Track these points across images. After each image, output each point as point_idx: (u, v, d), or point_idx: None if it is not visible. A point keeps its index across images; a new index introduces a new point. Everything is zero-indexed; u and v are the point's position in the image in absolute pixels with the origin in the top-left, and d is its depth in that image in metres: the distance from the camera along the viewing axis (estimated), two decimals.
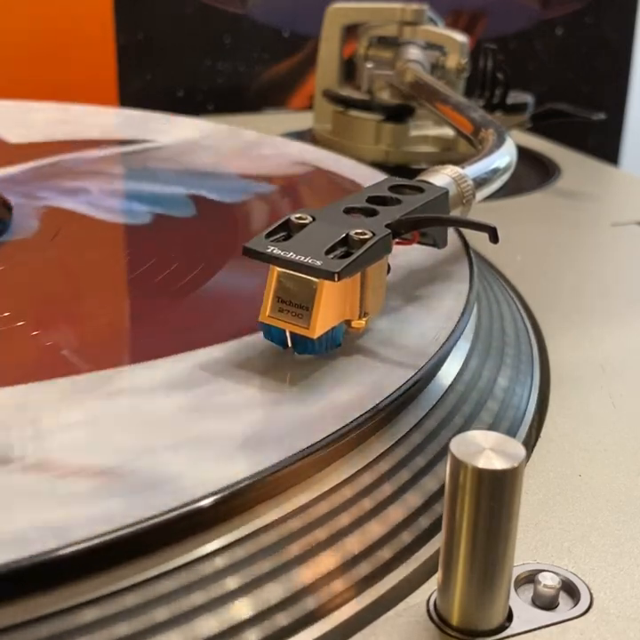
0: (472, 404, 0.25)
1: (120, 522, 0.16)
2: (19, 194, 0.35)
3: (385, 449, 0.21)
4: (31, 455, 0.19)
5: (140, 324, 0.26)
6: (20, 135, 0.45)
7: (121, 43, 0.66)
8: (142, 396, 0.21)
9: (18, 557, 0.15)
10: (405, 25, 0.51)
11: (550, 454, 0.25)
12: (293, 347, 0.22)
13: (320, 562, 0.19)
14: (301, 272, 0.21)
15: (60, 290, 0.28)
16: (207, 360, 0.23)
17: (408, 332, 0.25)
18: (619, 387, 0.29)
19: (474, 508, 0.17)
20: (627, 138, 0.82)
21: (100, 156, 0.42)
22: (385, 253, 0.23)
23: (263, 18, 0.69)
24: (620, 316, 0.34)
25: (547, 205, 0.47)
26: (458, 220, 0.27)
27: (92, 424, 0.20)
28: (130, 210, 0.36)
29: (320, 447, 0.19)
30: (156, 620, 0.17)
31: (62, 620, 0.16)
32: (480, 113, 0.39)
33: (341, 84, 0.55)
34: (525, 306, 0.34)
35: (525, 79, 0.73)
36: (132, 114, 0.52)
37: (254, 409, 0.21)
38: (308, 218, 0.23)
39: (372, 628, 0.19)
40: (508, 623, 0.19)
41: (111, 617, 0.16)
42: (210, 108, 0.70)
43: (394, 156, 0.51)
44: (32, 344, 0.24)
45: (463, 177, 0.28)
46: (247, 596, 0.18)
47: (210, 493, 0.17)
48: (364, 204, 0.25)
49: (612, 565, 0.21)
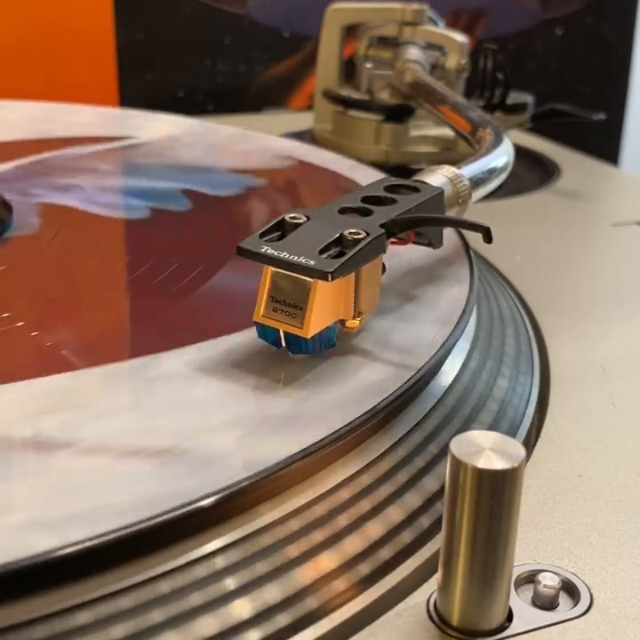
0: (472, 404, 0.25)
1: (189, 497, 0.17)
2: (12, 191, 0.35)
3: (385, 449, 0.21)
4: (87, 438, 0.19)
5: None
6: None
7: (121, 43, 0.66)
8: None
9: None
10: (405, 25, 0.51)
11: (550, 454, 0.25)
12: (287, 346, 0.22)
13: (320, 562, 0.19)
14: (295, 272, 0.22)
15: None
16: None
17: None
18: (619, 387, 0.29)
19: (474, 508, 0.17)
20: (627, 138, 0.82)
21: (84, 153, 0.42)
22: (379, 253, 0.23)
23: (263, 18, 0.69)
24: (619, 316, 0.34)
25: (547, 205, 0.47)
26: (452, 220, 0.27)
27: (136, 408, 0.21)
28: (127, 205, 0.36)
29: (319, 447, 0.19)
30: (154, 620, 0.17)
31: (59, 622, 0.16)
32: (478, 113, 0.39)
33: (341, 84, 0.55)
34: (525, 306, 0.34)
35: (525, 79, 0.73)
36: (109, 111, 0.53)
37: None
38: (302, 218, 0.23)
39: (372, 628, 0.19)
40: (508, 623, 0.19)
41: (110, 618, 0.16)
42: (210, 108, 0.70)
43: (394, 156, 0.51)
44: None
45: (459, 177, 0.28)
46: (246, 597, 0.18)
47: (210, 494, 0.17)
48: (358, 204, 0.25)
49: (612, 565, 0.21)
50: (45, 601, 0.16)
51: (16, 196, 0.35)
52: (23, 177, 0.38)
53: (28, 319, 0.25)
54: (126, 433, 0.20)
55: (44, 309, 0.26)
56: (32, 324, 0.25)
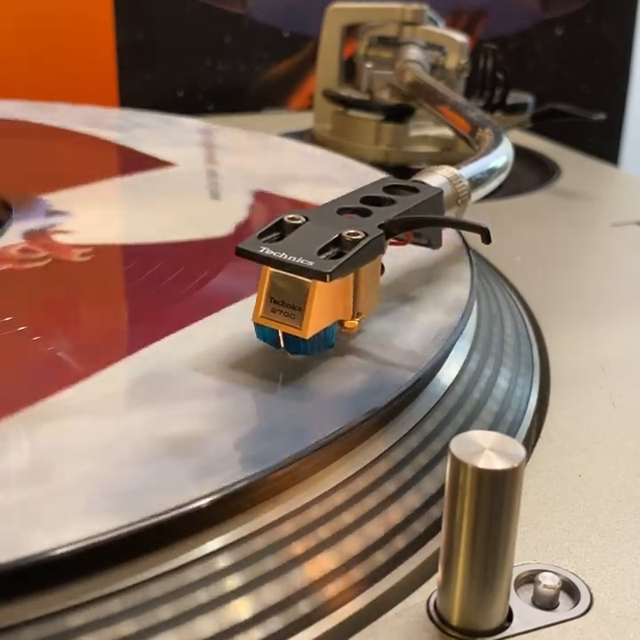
0: (472, 404, 0.25)
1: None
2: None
3: (385, 449, 0.21)
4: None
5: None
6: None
7: (121, 43, 0.66)
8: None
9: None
10: (405, 25, 0.51)
11: (550, 454, 0.25)
12: (286, 347, 0.22)
13: (320, 562, 0.19)
14: (293, 272, 0.22)
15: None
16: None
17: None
18: (619, 387, 0.29)
19: (474, 508, 0.17)
20: (627, 138, 0.82)
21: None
22: (378, 254, 0.23)
23: (263, 18, 0.69)
24: (619, 316, 0.34)
25: (547, 205, 0.47)
26: (451, 221, 0.27)
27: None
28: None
29: (318, 448, 0.19)
30: (156, 619, 0.17)
31: (61, 620, 0.16)
32: (478, 113, 0.39)
33: (341, 84, 0.55)
34: (525, 306, 0.34)
35: (525, 79, 0.73)
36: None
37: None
38: (300, 218, 0.23)
39: (372, 628, 0.19)
40: (507, 623, 0.19)
41: (111, 617, 0.16)
42: (210, 108, 0.70)
43: (394, 156, 0.51)
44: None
45: (458, 177, 0.28)
46: (245, 597, 0.18)
47: (210, 493, 0.17)
48: (357, 205, 0.25)
49: (612, 565, 0.21)
50: (47, 600, 0.16)
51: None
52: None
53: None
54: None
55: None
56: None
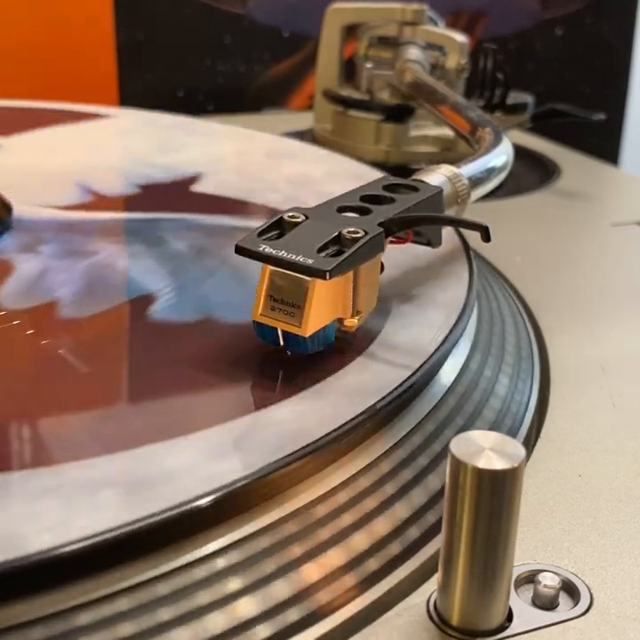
0: (473, 404, 0.25)
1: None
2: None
3: (387, 449, 0.21)
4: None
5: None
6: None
7: (121, 43, 0.66)
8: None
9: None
10: (405, 25, 0.51)
11: (550, 454, 0.25)
12: (286, 345, 0.22)
13: (320, 562, 0.19)
14: (293, 270, 0.22)
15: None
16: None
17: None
18: (619, 387, 0.29)
19: (474, 507, 0.17)
20: (627, 138, 0.82)
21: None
22: (377, 252, 0.23)
23: (263, 18, 0.69)
24: (619, 316, 0.34)
25: (547, 205, 0.47)
26: (450, 219, 0.27)
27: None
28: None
29: (319, 447, 0.19)
30: (160, 619, 0.17)
31: (65, 620, 0.16)
32: (477, 112, 0.39)
33: (341, 84, 0.55)
34: (525, 306, 0.34)
35: (525, 79, 0.73)
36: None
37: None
38: (300, 216, 0.23)
39: (372, 628, 0.19)
40: (507, 623, 0.19)
41: (116, 616, 0.16)
42: (210, 107, 0.70)
43: (394, 156, 0.51)
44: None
45: (458, 176, 0.28)
46: (248, 597, 0.18)
47: (211, 491, 0.17)
48: (357, 203, 0.25)
49: (612, 565, 0.21)
50: (51, 599, 0.16)
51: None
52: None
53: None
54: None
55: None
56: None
